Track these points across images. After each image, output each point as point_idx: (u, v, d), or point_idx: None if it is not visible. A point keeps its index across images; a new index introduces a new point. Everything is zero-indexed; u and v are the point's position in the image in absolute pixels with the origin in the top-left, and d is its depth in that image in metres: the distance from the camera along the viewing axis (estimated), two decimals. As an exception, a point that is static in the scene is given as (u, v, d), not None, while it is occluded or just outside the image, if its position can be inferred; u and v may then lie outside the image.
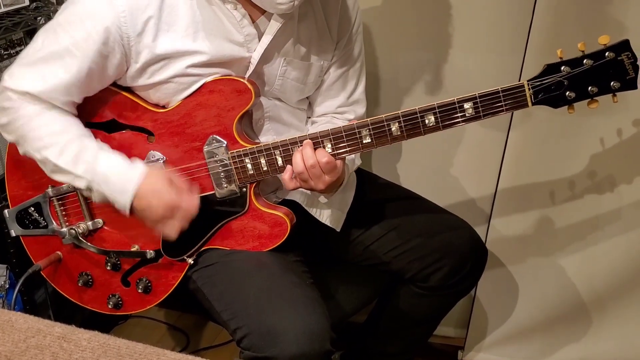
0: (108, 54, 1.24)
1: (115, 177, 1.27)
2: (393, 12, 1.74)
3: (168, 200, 1.25)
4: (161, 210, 1.26)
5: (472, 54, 1.71)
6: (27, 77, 1.27)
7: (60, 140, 1.27)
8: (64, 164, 1.27)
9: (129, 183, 1.26)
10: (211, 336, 2.12)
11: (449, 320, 1.95)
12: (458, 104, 1.19)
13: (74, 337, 0.95)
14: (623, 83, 1.14)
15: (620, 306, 1.81)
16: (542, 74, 1.16)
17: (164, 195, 1.25)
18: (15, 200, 1.46)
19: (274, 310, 1.22)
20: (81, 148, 1.28)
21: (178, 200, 1.26)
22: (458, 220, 1.53)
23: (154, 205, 1.26)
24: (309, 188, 1.27)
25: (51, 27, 1.27)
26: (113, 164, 1.28)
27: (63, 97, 1.27)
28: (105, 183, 1.27)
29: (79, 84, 1.26)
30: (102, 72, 1.26)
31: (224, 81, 1.29)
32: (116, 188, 1.27)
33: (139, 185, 1.25)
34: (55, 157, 1.27)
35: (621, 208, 1.70)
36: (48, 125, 1.28)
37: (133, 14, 1.21)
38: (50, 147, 1.27)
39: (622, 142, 1.61)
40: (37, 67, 1.26)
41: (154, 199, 1.25)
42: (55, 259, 1.45)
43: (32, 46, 1.28)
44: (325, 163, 1.23)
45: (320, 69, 1.42)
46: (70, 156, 1.27)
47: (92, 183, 1.27)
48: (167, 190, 1.25)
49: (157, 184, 1.25)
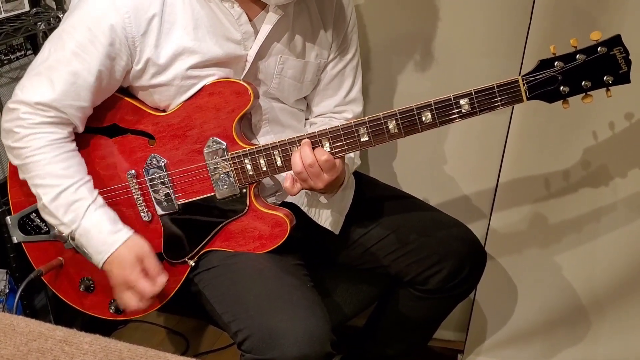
0: (115, 55, 1.25)
1: (96, 237, 1.30)
2: (392, 12, 1.75)
3: (125, 276, 1.30)
4: (118, 281, 1.31)
5: (471, 55, 1.72)
6: (37, 87, 1.27)
7: (59, 184, 1.29)
8: (53, 208, 1.30)
9: (107, 246, 1.30)
10: (211, 340, 2.12)
11: (449, 324, 1.95)
12: (454, 100, 1.20)
13: (75, 340, 0.95)
14: (616, 77, 1.15)
15: (620, 309, 1.80)
16: (536, 69, 1.18)
17: (125, 269, 1.30)
18: (17, 207, 1.47)
19: (275, 312, 1.22)
20: (75, 199, 1.30)
21: (134, 281, 1.29)
22: (457, 223, 1.54)
23: (115, 275, 1.31)
24: (308, 188, 1.28)
25: (57, 34, 1.28)
26: (99, 224, 1.30)
27: (75, 102, 1.27)
28: (86, 238, 1.30)
29: (88, 87, 1.27)
30: (110, 74, 1.27)
31: (223, 83, 1.30)
32: (94, 247, 1.31)
33: (113, 253, 1.30)
34: (48, 201, 1.29)
35: (622, 210, 1.70)
36: (51, 166, 1.29)
37: (137, 14, 1.23)
38: (47, 187, 1.29)
39: (624, 140, 1.62)
40: (46, 76, 1.27)
41: (116, 269, 1.30)
42: (57, 264, 1.45)
43: (39, 56, 1.29)
44: (324, 161, 1.24)
45: (316, 67, 1.43)
46: (62, 203, 1.29)
47: (75, 233, 1.30)
48: (131, 267, 1.29)
49: (125, 257, 1.30)
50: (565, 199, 1.74)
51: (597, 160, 1.67)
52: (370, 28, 1.77)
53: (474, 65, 1.71)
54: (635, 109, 1.56)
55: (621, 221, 1.71)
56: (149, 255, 1.32)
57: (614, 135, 1.61)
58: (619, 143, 1.62)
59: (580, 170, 1.69)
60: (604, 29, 1.16)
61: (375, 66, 1.81)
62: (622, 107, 1.56)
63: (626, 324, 1.81)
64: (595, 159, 1.67)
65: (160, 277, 1.32)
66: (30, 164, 1.30)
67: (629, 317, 1.80)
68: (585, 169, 1.69)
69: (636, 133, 1.58)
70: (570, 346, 1.89)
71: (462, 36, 1.71)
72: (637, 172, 1.65)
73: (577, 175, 1.70)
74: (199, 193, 1.35)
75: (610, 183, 1.69)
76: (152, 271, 1.31)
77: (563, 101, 1.19)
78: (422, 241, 1.48)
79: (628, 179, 1.67)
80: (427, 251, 1.47)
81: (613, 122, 1.59)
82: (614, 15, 1.48)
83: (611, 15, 1.48)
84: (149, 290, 1.30)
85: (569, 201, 1.74)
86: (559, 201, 1.75)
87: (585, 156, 1.67)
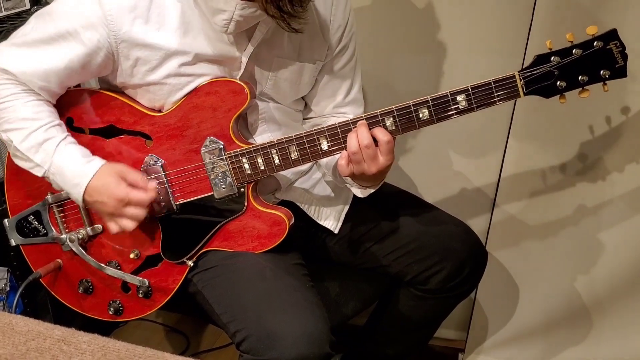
0: (92, 51, 1.26)
1: (70, 170, 1.30)
2: (393, 11, 1.75)
3: (115, 195, 1.28)
4: (112, 204, 1.29)
5: (472, 54, 1.72)
6: (10, 56, 1.29)
7: (28, 126, 1.30)
8: (24, 149, 1.30)
9: (82, 178, 1.29)
10: (211, 339, 2.12)
11: (450, 323, 1.95)
12: (451, 97, 1.20)
13: (73, 339, 0.96)
14: (613, 71, 1.16)
15: (621, 308, 1.81)
16: (532, 65, 1.18)
17: (112, 190, 1.28)
18: (15, 210, 1.47)
19: (274, 313, 1.22)
20: (45, 137, 1.30)
21: (126, 195, 1.28)
22: (458, 223, 1.54)
23: (105, 200, 1.29)
24: (360, 172, 1.26)
25: (44, 13, 1.30)
26: (70, 157, 1.30)
27: (41, 82, 1.29)
28: (60, 175, 1.30)
29: (58, 72, 1.28)
30: (84, 67, 1.28)
31: (220, 82, 1.30)
32: (69, 181, 1.30)
33: (90, 180, 1.29)
34: (18, 142, 1.30)
35: (625, 209, 1.70)
36: (21, 109, 1.30)
37: (120, 12, 1.23)
38: (17, 130, 1.30)
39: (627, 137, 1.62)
40: (22, 49, 1.29)
41: (104, 195, 1.29)
42: (56, 266, 1.45)
43: (23, 28, 1.31)
44: (386, 142, 1.22)
45: (313, 70, 1.43)
46: (32, 143, 1.30)
47: (48, 173, 1.30)
48: (116, 185, 1.28)
49: (106, 179, 1.29)
50: (567, 198, 1.75)
51: (599, 159, 1.67)
52: (371, 27, 1.78)
53: (475, 64, 1.72)
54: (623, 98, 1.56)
55: (624, 221, 1.71)
56: (129, 171, 1.31)
57: (622, 132, 1.60)
58: (627, 140, 1.61)
59: (582, 169, 1.70)
60: (606, 26, 1.16)
61: (376, 66, 1.81)
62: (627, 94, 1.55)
63: (628, 323, 1.82)
64: (597, 156, 1.67)
65: (150, 183, 1.31)
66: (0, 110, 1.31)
67: (631, 317, 1.80)
68: (587, 168, 1.69)
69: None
70: (571, 345, 1.89)
71: (464, 35, 1.72)
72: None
73: (579, 174, 1.71)
74: (197, 193, 1.35)
75: (612, 181, 1.69)
76: (139, 182, 1.30)
77: (560, 96, 1.19)
78: (423, 241, 1.48)
79: (632, 177, 1.66)
80: (428, 251, 1.47)
81: (626, 119, 1.59)
82: (615, 12, 1.48)
83: (613, 12, 1.48)
84: (145, 197, 1.29)
85: (570, 200, 1.74)
86: (561, 201, 1.75)
87: (587, 153, 1.67)
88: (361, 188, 1.38)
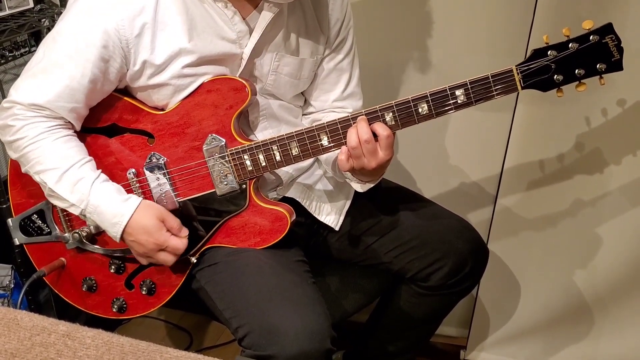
0: (109, 58, 1.26)
1: (107, 209, 1.30)
2: (393, 10, 1.76)
3: (155, 240, 1.30)
4: (149, 247, 1.31)
5: (473, 53, 1.72)
6: (31, 89, 1.29)
7: (60, 166, 1.30)
8: (59, 191, 1.30)
9: (120, 217, 1.30)
10: (214, 335, 2.13)
11: (451, 320, 1.95)
12: (450, 91, 1.21)
13: (78, 335, 0.96)
14: (609, 65, 1.17)
15: (623, 306, 1.81)
16: (529, 59, 1.19)
17: (153, 233, 1.30)
18: (18, 209, 1.47)
19: (275, 309, 1.23)
20: (78, 177, 1.30)
21: (165, 242, 1.31)
22: (459, 220, 1.54)
23: (143, 242, 1.31)
24: (360, 167, 1.27)
25: (51, 37, 1.30)
26: (106, 196, 1.31)
27: (68, 104, 1.29)
28: (97, 214, 1.31)
29: (82, 89, 1.28)
30: (104, 77, 1.28)
31: (221, 80, 1.31)
32: (107, 220, 1.31)
33: (129, 221, 1.30)
34: (53, 184, 1.30)
35: (628, 207, 1.70)
36: (50, 150, 1.30)
37: (130, 17, 1.24)
38: (49, 171, 1.30)
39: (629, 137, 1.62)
40: (41, 77, 1.28)
41: (143, 236, 1.30)
42: (59, 265, 1.46)
43: (34, 58, 1.31)
44: (385, 137, 1.23)
45: (313, 64, 1.44)
46: (67, 184, 1.30)
47: (85, 212, 1.31)
48: (157, 229, 1.30)
49: (148, 221, 1.30)
50: (569, 195, 1.75)
51: (604, 153, 1.67)
52: (371, 25, 1.78)
53: (476, 63, 1.72)
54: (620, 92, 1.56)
55: (626, 218, 1.71)
56: (168, 214, 1.33)
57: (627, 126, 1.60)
58: (632, 134, 1.61)
59: (585, 166, 1.69)
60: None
61: (376, 64, 1.81)
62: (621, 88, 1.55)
63: (629, 321, 1.81)
64: (602, 151, 1.66)
65: (183, 231, 1.34)
66: (29, 152, 1.31)
67: (632, 314, 1.80)
68: (590, 164, 1.69)
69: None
70: (573, 343, 1.89)
71: (465, 33, 1.72)
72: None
73: (582, 172, 1.70)
74: (199, 190, 1.36)
75: (615, 179, 1.68)
76: (176, 228, 1.33)
77: (557, 90, 1.20)
78: (424, 238, 1.48)
79: (634, 173, 1.66)
80: (429, 248, 1.47)
81: (628, 112, 1.59)
82: (616, 10, 1.49)
83: (614, 11, 1.48)
84: (182, 246, 1.32)
85: (573, 198, 1.74)
86: (563, 197, 1.75)
87: (591, 148, 1.67)
88: (360, 183, 1.40)
